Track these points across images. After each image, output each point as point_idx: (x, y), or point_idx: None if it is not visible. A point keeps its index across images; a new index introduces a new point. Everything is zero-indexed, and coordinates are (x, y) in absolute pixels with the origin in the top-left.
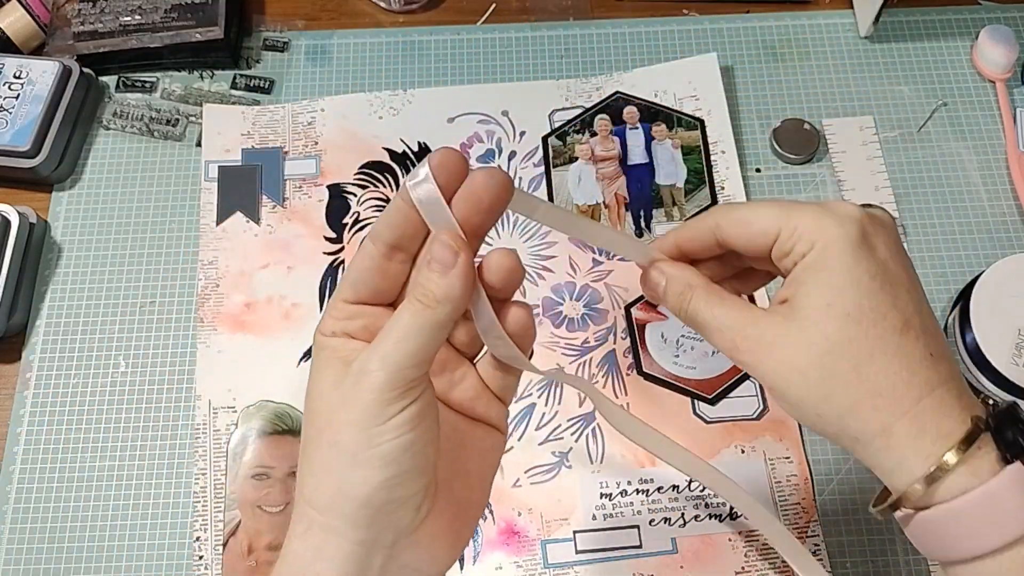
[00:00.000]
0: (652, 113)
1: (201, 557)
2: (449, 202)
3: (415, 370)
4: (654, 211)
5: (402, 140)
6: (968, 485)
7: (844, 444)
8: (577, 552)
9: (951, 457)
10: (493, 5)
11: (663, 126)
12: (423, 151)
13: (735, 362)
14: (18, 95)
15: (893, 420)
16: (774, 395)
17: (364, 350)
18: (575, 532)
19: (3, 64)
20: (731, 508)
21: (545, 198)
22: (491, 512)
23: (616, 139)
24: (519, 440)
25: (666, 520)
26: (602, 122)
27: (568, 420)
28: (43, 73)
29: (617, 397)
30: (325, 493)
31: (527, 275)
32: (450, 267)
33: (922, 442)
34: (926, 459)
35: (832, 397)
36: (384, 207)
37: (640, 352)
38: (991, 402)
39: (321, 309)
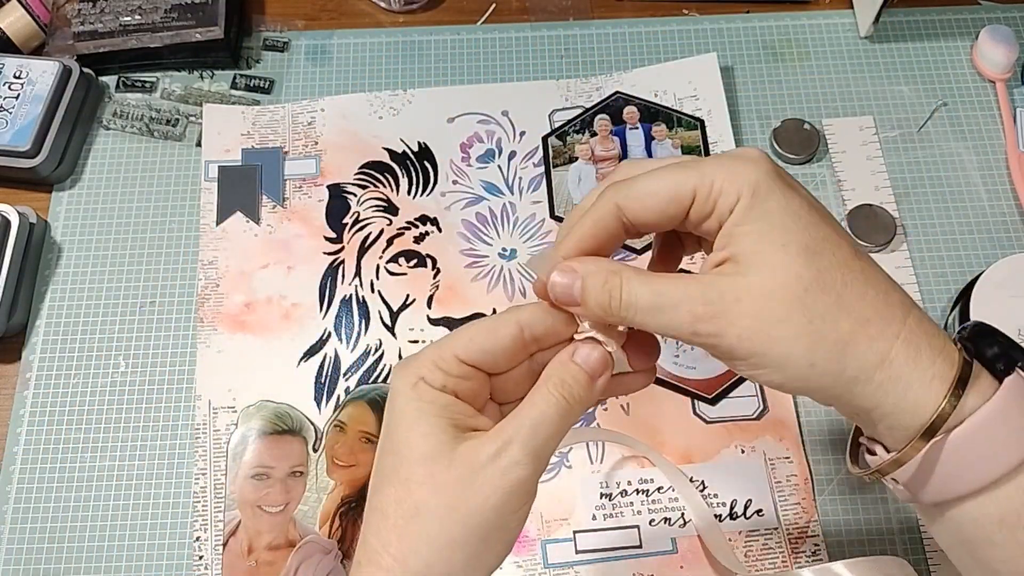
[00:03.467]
0: (652, 113)
1: (201, 557)
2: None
3: (548, 461)
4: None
5: (402, 140)
6: (976, 404)
7: (837, 392)
8: (577, 552)
9: (958, 373)
10: (493, 5)
11: (663, 126)
12: (423, 151)
13: (697, 339)
14: (18, 95)
15: (888, 346)
16: (752, 363)
17: (474, 417)
18: (575, 532)
19: (3, 64)
20: (731, 508)
21: (545, 203)
22: None
23: (616, 139)
24: None
25: (666, 520)
26: (602, 122)
27: None
28: (43, 73)
29: (617, 397)
30: (422, 558)
31: (527, 275)
32: (598, 376)
33: (920, 363)
34: (931, 381)
35: (824, 337)
36: (384, 207)
37: None
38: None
39: (321, 309)
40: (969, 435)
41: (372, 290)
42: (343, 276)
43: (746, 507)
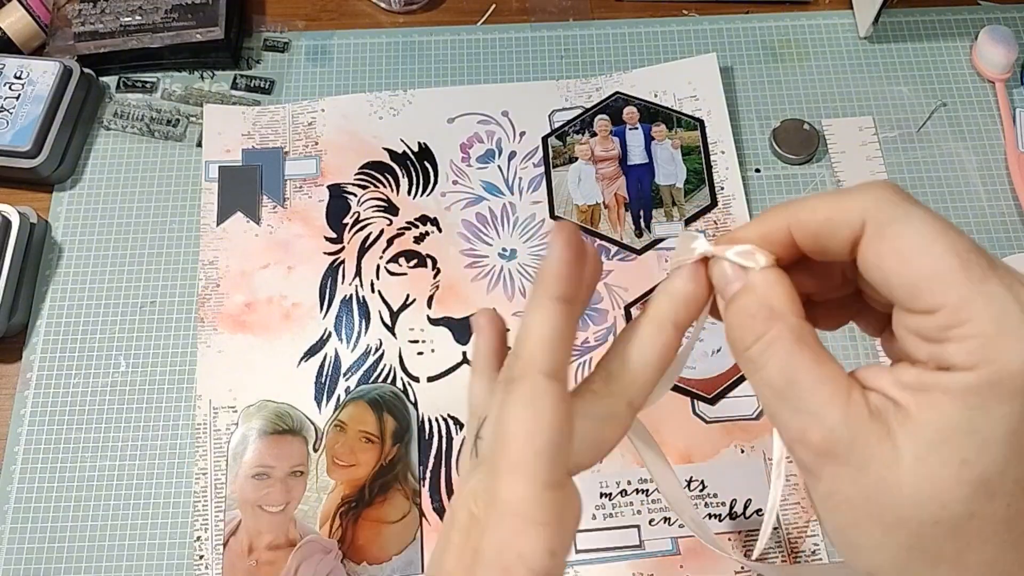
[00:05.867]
0: (652, 113)
1: (201, 557)
2: None
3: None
4: (654, 211)
5: (402, 140)
6: None
7: None
8: (577, 552)
9: None
10: (493, 5)
11: (663, 126)
12: (423, 151)
13: (790, 452)
14: (19, 95)
15: None
16: (819, 520)
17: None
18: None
19: (4, 64)
20: (731, 508)
21: (545, 203)
22: None
23: (616, 139)
24: None
25: (666, 520)
26: (602, 122)
27: None
28: (44, 73)
29: None
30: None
31: (526, 275)
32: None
33: None
34: None
35: (906, 573)
36: (384, 207)
37: None
38: None
39: (322, 309)
40: None
41: (372, 290)
42: (343, 276)
43: (746, 507)
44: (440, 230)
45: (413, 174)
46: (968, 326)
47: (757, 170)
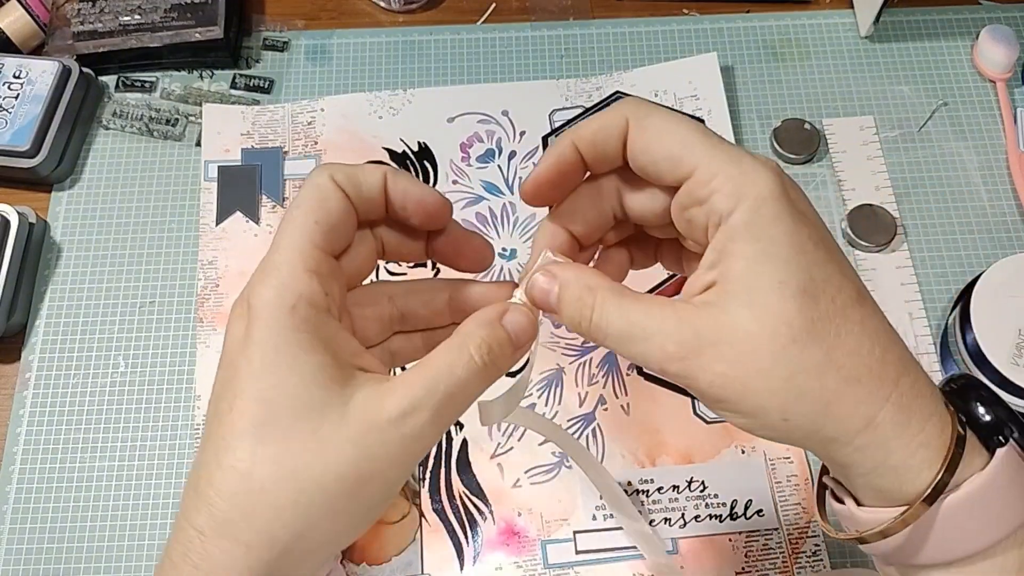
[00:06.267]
0: None
1: None
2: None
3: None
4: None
5: (402, 140)
6: (967, 473)
7: (810, 446)
8: (577, 552)
9: (950, 447)
10: (493, 5)
11: None
12: (423, 151)
13: (665, 374)
14: (18, 95)
15: (876, 410)
16: (721, 406)
17: (359, 354)
18: (575, 532)
19: (3, 64)
20: (731, 508)
21: None
22: (491, 512)
23: None
24: (519, 440)
25: (666, 520)
26: None
27: (568, 420)
28: (43, 73)
29: (617, 397)
30: (293, 531)
31: None
32: (520, 348)
33: (908, 430)
34: (917, 449)
35: (805, 395)
36: None
37: None
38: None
39: None
40: (960, 506)
41: None
42: None
43: (746, 507)
44: None
45: (413, 174)
46: (719, 177)
47: None
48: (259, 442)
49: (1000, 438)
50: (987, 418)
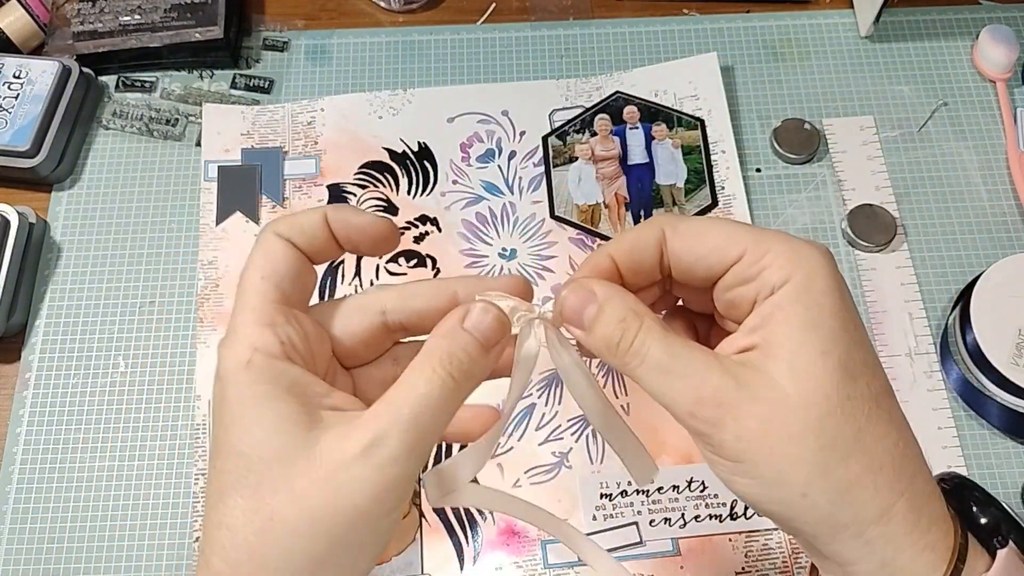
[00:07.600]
0: (652, 113)
1: None
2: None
3: (430, 452)
4: (654, 211)
5: (402, 140)
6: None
7: (819, 533)
8: None
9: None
10: (493, 5)
11: (663, 126)
12: (423, 151)
13: (691, 421)
14: (17, 95)
15: (892, 503)
16: (737, 469)
17: (328, 395)
18: None
19: (3, 64)
20: (731, 508)
21: (545, 202)
22: (491, 512)
23: (616, 139)
24: (519, 440)
25: (666, 520)
26: (602, 122)
27: (568, 420)
28: (43, 73)
29: (617, 397)
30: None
31: (526, 275)
32: (492, 345)
33: (918, 528)
34: (923, 551)
35: (829, 472)
36: (384, 207)
37: None
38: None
39: None
40: None
41: None
42: (343, 276)
43: (746, 507)
44: (440, 230)
45: (413, 174)
46: (770, 254)
47: (758, 169)
48: (240, 496)
49: (998, 539)
50: (983, 520)
